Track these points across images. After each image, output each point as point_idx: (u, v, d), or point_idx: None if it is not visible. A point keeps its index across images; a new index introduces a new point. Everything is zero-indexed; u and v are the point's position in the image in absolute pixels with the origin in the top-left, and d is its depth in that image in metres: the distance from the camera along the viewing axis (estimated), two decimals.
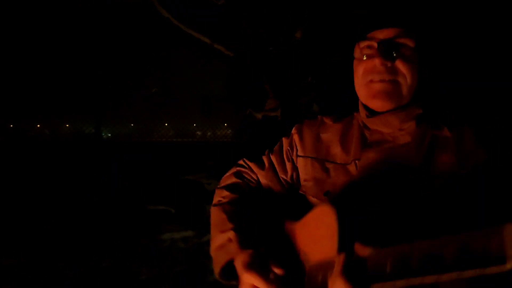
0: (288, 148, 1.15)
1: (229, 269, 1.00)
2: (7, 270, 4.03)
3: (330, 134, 1.09)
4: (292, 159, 1.13)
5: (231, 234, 1.04)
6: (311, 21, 5.18)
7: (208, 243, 4.41)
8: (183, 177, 7.41)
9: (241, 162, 1.24)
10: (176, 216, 6.34)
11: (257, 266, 0.93)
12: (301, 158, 1.10)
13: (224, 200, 1.13)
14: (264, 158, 1.18)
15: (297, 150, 1.12)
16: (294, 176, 1.11)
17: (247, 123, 7.00)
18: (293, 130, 1.16)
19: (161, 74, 8.62)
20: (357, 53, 0.99)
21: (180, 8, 6.62)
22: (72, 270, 4.12)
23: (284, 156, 1.15)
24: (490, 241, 0.52)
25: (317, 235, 0.85)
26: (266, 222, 1.07)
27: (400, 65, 0.92)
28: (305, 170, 1.08)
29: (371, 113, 0.99)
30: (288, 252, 1.00)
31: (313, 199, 1.02)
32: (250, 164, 1.20)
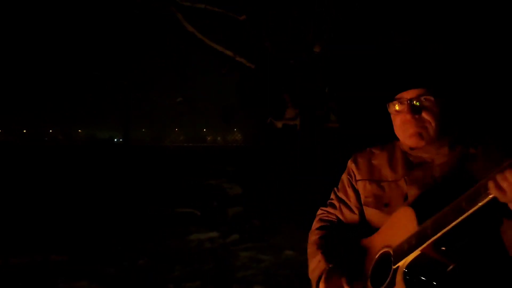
0: (348, 177, 1.46)
1: None
2: (57, 265, 4.48)
3: (379, 160, 1.41)
4: (353, 185, 1.45)
5: (319, 257, 1.36)
6: (330, 36, 5.52)
7: (232, 243, 4.77)
8: (205, 182, 7.81)
9: (319, 211, 1.55)
10: (201, 219, 6.72)
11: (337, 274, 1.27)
12: (360, 181, 1.42)
13: (313, 238, 1.46)
14: (334, 200, 1.50)
15: (355, 176, 1.44)
16: (358, 199, 1.42)
17: (267, 131, 7.36)
18: (349, 163, 1.48)
19: (184, 84, 9.08)
20: (391, 110, 1.31)
21: (204, 22, 7.04)
22: (113, 266, 4.53)
23: (347, 187, 1.46)
24: None
25: (397, 226, 1.18)
26: (345, 245, 1.42)
27: (425, 115, 1.25)
28: (365, 189, 1.40)
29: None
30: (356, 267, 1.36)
31: (374, 210, 1.34)
32: (327, 209, 1.52)
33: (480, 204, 1.00)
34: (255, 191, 7.45)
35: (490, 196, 0.98)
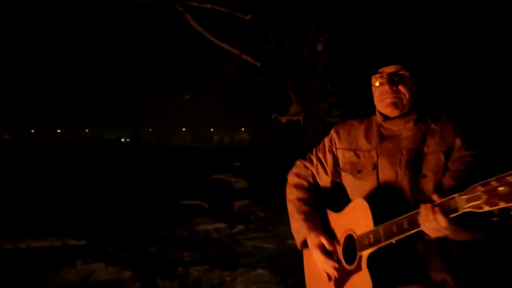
0: (330, 144, 1.67)
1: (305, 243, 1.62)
2: (76, 249, 4.81)
3: (357, 131, 1.61)
4: (333, 151, 1.65)
5: (301, 222, 1.61)
6: (331, 36, 5.76)
7: (238, 233, 5.02)
8: (213, 177, 8.09)
9: (298, 163, 1.76)
10: (209, 211, 7.01)
11: (319, 245, 1.53)
12: (339, 149, 1.63)
13: (292, 197, 1.69)
14: (313, 157, 1.71)
15: (335, 144, 1.65)
16: (334, 163, 1.64)
17: (271, 128, 7.62)
18: (332, 132, 1.70)
19: (191, 82, 9.36)
20: (373, 82, 1.52)
21: (211, 22, 7.30)
22: (127, 251, 4.84)
23: (327, 151, 1.67)
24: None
25: (357, 216, 1.43)
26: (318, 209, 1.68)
27: (401, 88, 1.46)
28: (343, 157, 1.61)
29: (385, 117, 1.53)
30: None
31: (349, 176, 1.56)
32: (305, 163, 1.73)
33: (417, 229, 1.25)
34: (261, 185, 7.71)
35: (420, 228, 1.24)
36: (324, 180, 1.68)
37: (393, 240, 1.31)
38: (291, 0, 5.92)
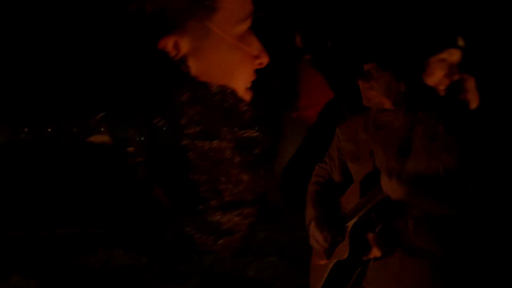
0: (336, 140, 1.88)
1: None
2: (97, 237, 5.09)
3: (356, 124, 1.80)
4: (338, 148, 1.86)
5: (310, 209, 1.84)
6: (339, 34, 5.89)
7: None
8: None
9: (316, 167, 1.99)
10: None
11: (321, 225, 1.73)
12: (342, 141, 1.84)
13: (309, 191, 1.92)
14: (326, 158, 1.93)
15: (339, 138, 1.86)
16: (338, 157, 1.86)
17: (282, 122, 7.75)
18: (336, 129, 1.90)
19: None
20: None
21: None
22: (144, 240, 5.09)
23: (334, 148, 1.89)
24: None
25: (351, 198, 1.68)
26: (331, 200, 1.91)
27: (373, 83, 1.65)
28: (345, 147, 1.81)
29: (379, 110, 1.77)
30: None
31: (351, 163, 1.78)
32: (321, 164, 1.96)
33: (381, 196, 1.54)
34: (271, 179, 7.84)
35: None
36: (337, 174, 1.89)
37: (365, 209, 1.55)
38: (299, 1, 6.07)
